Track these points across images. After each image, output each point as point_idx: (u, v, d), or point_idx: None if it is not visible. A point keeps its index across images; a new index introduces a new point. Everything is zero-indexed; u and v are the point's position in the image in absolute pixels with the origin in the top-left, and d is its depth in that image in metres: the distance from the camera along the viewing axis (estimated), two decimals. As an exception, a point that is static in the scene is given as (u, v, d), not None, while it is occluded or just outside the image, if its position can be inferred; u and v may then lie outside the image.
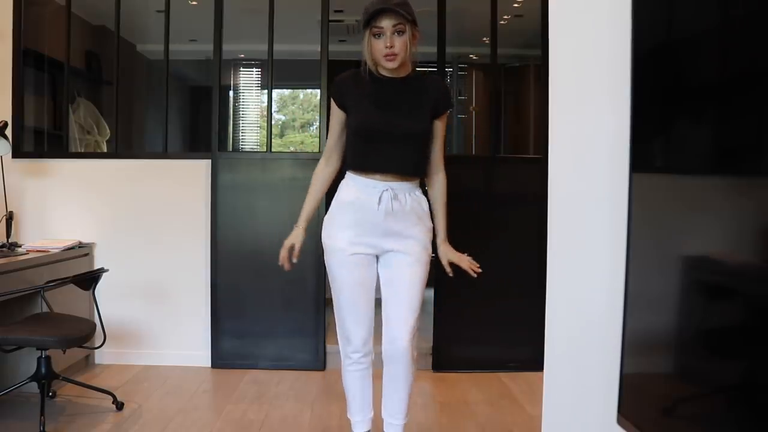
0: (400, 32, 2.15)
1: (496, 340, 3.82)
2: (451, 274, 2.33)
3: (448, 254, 2.36)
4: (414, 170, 2.29)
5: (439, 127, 2.33)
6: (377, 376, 2.43)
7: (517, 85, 6.39)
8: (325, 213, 2.38)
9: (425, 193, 2.39)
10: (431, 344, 3.83)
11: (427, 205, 2.34)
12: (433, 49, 3.85)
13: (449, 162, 2.47)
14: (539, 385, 1.99)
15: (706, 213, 1.22)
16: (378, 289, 2.36)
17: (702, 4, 1.27)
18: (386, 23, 2.14)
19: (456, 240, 2.44)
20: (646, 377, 1.48)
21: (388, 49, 2.14)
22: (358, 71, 2.29)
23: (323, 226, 2.35)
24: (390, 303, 2.30)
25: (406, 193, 2.26)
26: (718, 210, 1.19)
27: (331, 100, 2.33)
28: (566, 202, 1.82)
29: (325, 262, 2.34)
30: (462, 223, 2.44)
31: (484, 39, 4.33)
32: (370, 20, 2.15)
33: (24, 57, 3.92)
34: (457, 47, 5.95)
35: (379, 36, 2.16)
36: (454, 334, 3.83)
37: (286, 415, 3.09)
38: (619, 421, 1.50)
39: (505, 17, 4.85)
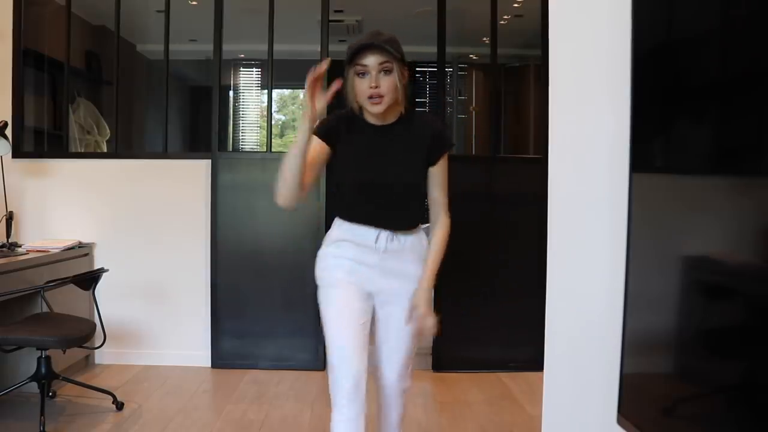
0: (387, 71, 1.89)
1: (496, 340, 3.83)
2: (406, 324, 2.05)
3: (422, 299, 2.03)
4: (408, 224, 2.07)
5: (436, 172, 2.06)
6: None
7: (517, 85, 6.39)
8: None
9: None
10: (431, 344, 3.83)
11: (427, 242, 2.12)
12: (433, 49, 3.85)
13: (450, 161, 2.41)
14: (539, 385, 1.99)
15: (706, 213, 1.22)
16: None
17: (702, 4, 1.27)
18: (371, 61, 1.88)
19: (456, 240, 2.37)
20: (646, 377, 1.48)
21: (372, 90, 1.88)
22: (350, 114, 2.02)
23: (317, 264, 2.12)
24: (382, 344, 2.16)
25: (405, 233, 2.07)
26: (718, 210, 1.19)
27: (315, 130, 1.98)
28: (566, 202, 1.82)
29: (320, 299, 2.10)
30: (462, 223, 2.37)
31: (484, 39, 4.33)
32: (353, 57, 1.89)
33: (24, 57, 3.92)
34: (457, 47, 5.95)
35: (363, 75, 1.90)
36: (454, 334, 3.82)
37: (286, 415, 3.09)
38: (619, 421, 1.50)
39: (505, 17, 4.85)
